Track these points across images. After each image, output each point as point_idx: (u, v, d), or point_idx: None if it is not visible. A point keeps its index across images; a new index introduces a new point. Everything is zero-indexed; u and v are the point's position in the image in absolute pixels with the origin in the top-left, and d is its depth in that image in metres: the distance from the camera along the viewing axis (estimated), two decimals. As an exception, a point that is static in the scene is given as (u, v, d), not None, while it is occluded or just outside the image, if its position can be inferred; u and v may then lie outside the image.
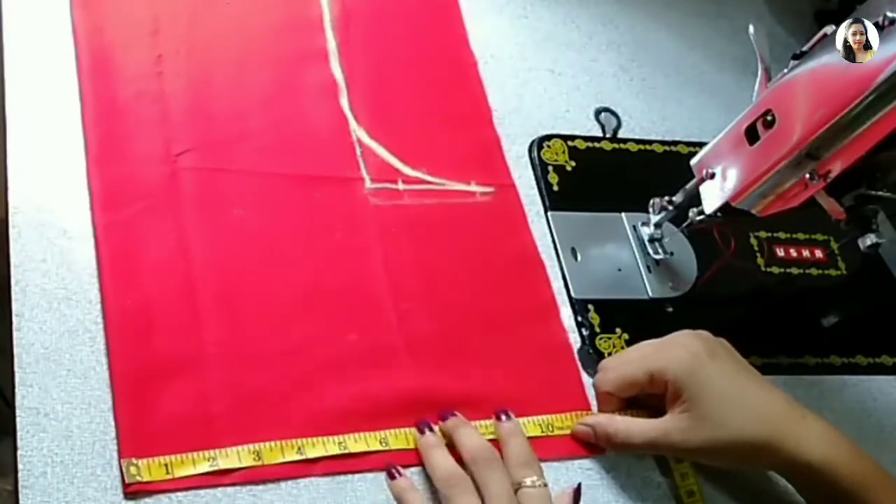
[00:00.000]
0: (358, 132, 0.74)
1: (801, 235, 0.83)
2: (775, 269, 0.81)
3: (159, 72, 0.71)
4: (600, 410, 0.67)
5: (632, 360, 0.66)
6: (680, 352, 0.64)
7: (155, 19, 0.74)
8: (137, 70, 0.71)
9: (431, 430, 0.62)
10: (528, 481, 0.60)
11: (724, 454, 0.63)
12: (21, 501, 0.54)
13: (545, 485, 0.60)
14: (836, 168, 0.61)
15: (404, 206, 0.72)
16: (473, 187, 0.75)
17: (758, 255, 0.81)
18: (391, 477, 0.60)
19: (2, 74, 0.69)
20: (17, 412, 0.57)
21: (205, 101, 0.71)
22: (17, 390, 0.57)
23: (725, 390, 0.62)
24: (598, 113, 0.86)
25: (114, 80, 0.70)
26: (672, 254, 0.77)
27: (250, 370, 0.61)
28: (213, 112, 0.71)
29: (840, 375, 0.77)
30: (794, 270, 0.81)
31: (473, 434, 0.62)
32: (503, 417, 0.64)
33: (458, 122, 0.79)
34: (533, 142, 0.81)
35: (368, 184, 0.72)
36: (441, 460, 0.61)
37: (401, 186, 0.73)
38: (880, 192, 0.61)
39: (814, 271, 0.82)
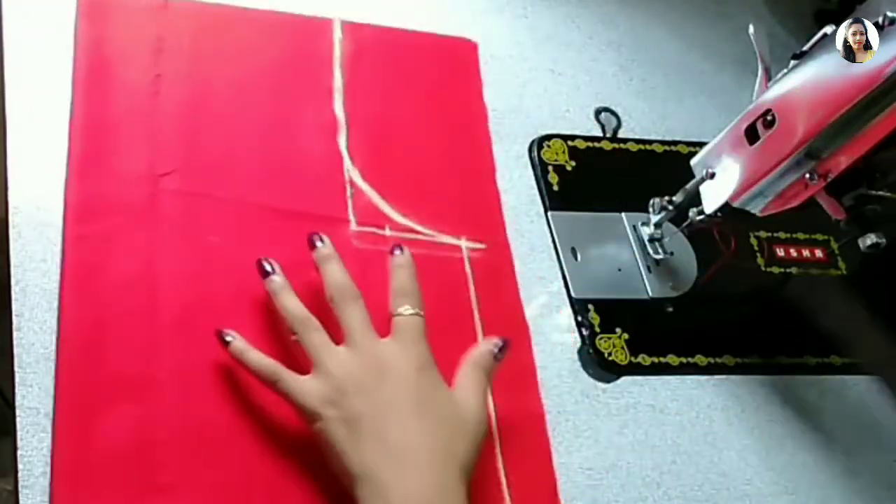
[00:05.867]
0: (351, 172, 0.72)
1: (801, 235, 0.83)
2: (775, 269, 0.81)
3: (155, 91, 0.70)
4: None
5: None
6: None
7: (159, 38, 0.72)
8: (133, 87, 0.69)
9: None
10: (401, 309, 0.60)
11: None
12: (21, 501, 0.54)
13: (420, 314, 0.60)
14: (836, 168, 0.61)
15: (385, 254, 0.67)
16: (464, 242, 0.72)
17: (758, 254, 0.81)
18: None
19: (2, 74, 0.68)
20: (17, 412, 0.56)
21: (197, 125, 0.70)
22: (17, 390, 0.57)
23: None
24: (598, 113, 0.86)
25: (108, 93, 0.68)
26: (672, 254, 0.77)
27: (200, 401, 0.59)
28: (205, 136, 0.70)
29: (840, 375, 0.77)
30: (795, 270, 0.81)
31: (339, 270, 0.61)
32: (396, 251, 0.63)
33: (458, 174, 0.75)
34: (533, 142, 0.81)
35: (353, 226, 0.69)
36: (290, 302, 0.60)
37: (387, 232, 0.70)
38: (880, 192, 0.61)
39: (814, 271, 0.82)
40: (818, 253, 0.83)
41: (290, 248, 0.66)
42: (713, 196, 0.68)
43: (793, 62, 0.63)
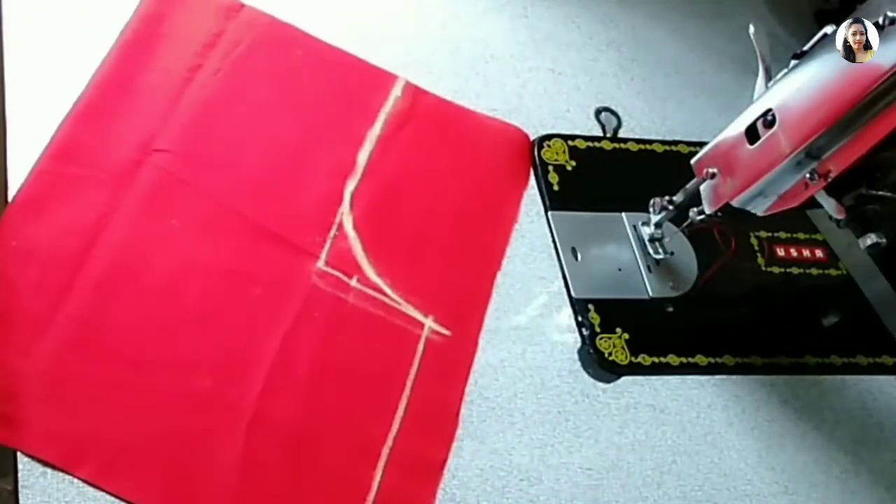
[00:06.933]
0: (344, 216, 0.70)
1: (801, 235, 0.83)
2: (776, 269, 0.81)
3: (190, 77, 0.72)
4: None
5: None
6: None
7: (216, 35, 0.74)
8: (171, 66, 0.71)
9: None
10: None
11: None
12: (21, 501, 0.54)
13: None
14: (837, 168, 0.61)
15: (343, 302, 0.67)
16: (429, 322, 0.68)
17: (758, 254, 0.81)
18: None
19: (2, 73, 0.69)
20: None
21: (214, 122, 0.71)
22: None
23: None
24: (598, 112, 0.86)
25: (144, 62, 0.70)
26: (672, 253, 0.77)
27: (82, 359, 0.59)
28: (216, 135, 0.70)
29: (840, 375, 0.77)
30: (795, 270, 0.81)
31: None
32: None
33: (457, 259, 0.72)
34: (533, 141, 0.81)
35: (321, 264, 0.68)
36: None
37: (354, 283, 0.68)
38: (880, 192, 0.61)
39: (814, 271, 0.82)
40: (818, 253, 0.83)
41: (245, 260, 0.66)
42: (714, 196, 0.68)
43: (793, 62, 0.63)
